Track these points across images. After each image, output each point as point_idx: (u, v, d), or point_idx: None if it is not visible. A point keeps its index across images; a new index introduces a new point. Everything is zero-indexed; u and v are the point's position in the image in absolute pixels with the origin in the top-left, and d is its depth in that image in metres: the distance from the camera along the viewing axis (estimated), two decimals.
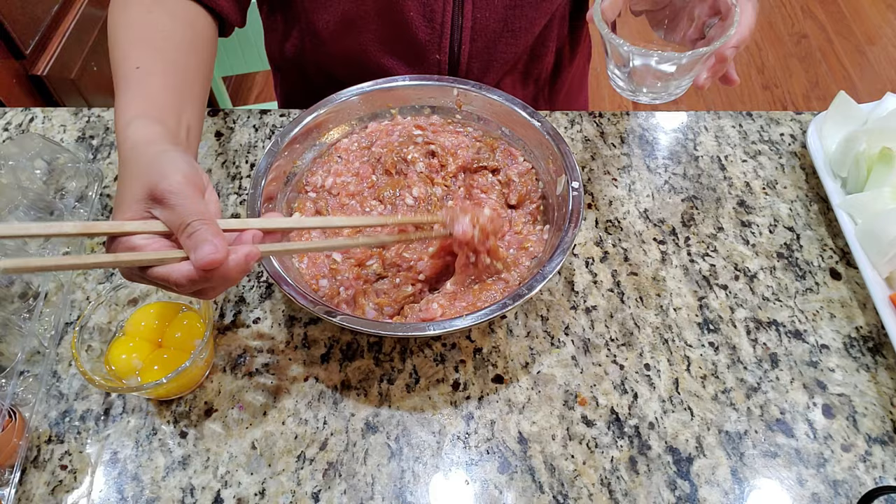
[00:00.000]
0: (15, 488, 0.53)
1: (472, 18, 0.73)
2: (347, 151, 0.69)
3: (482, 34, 0.75)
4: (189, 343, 0.56)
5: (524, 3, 0.74)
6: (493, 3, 0.73)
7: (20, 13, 1.09)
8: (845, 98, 0.73)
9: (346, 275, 0.59)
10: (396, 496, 0.53)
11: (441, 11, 0.72)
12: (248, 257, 0.43)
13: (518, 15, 0.75)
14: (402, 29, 0.74)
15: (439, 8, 0.72)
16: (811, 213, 0.71)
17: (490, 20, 0.74)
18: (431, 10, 0.72)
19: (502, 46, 0.77)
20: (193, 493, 0.53)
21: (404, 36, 0.75)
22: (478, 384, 0.59)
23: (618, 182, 0.73)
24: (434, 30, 0.74)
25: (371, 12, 0.73)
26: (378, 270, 0.60)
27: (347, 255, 0.61)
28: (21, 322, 0.60)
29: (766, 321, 0.63)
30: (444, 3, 0.72)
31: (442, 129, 0.70)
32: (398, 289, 0.59)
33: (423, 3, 0.72)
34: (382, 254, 0.61)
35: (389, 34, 0.75)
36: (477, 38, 0.75)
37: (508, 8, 0.74)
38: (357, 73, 0.79)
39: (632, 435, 0.56)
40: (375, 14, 0.73)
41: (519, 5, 0.74)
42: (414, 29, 0.74)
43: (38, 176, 0.71)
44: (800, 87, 2.05)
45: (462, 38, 0.75)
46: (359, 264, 0.60)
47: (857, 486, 0.53)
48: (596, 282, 0.65)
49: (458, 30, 0.74)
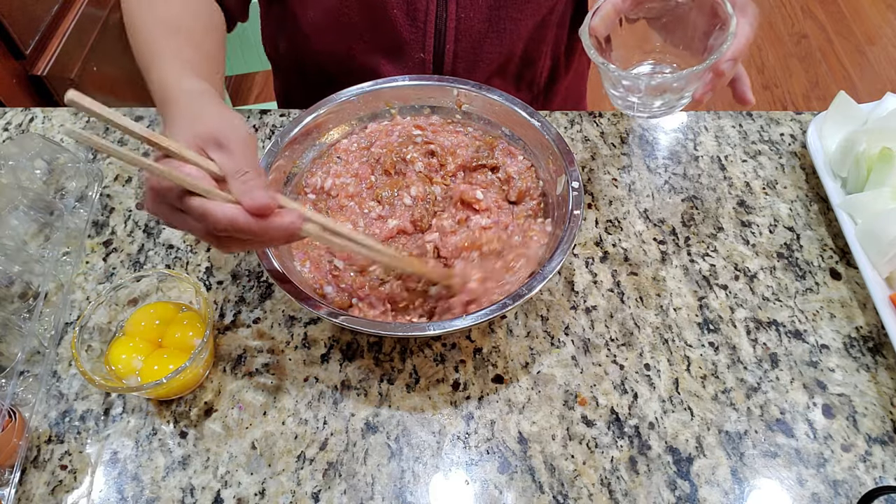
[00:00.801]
0: (15, 488, 0.53)
1: (455, 18, 0.73)
2: (347, 152, 0.68)
3: (467, 34, 0.75)
4: (189, 343, 0.56)
5: (508, 4, 0.73)
6: (478, 2, 0.73)
7: (20, 13, 1.09)
8: (845, 98, 0.73)
9: (348, 282, 0.59)
10: (396, 496, 0.53)
11: (424, 10, 0.72)
12: (292, 223, 0.44)
13: (503, 16, 0.74)
14: (385, 27, 0.74)
15: (422, 6, 0.72)
16: (811, 213, 0.71)
17: (475, 20, 0.74)
18: (415, 9, 0.72)
19: (488, 47, 0.77)
20: (193, 493, 0.53)
21: (388, 34, 0.75)
22: (478, 384, 0.59)
23: (618, 182, 0.73)
24: (417, 28, 0.74)
25: (354, 10, 0.73)
26: (381, 276, 0.60)
27: (349, 262, 0.60)
28: (21, 322, 0.60)
29: (766, 321, 0.63)
30: (428, 2, 0.72)
31: (442, 128, 0.70)
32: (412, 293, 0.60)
33: (407, 1, 0.72)
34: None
35: (373, 32, 0.75)
36: (461, 37, 0.75)
37: (493, 8, 0.74)
38: (344, 70, 0.79)
39: (632, 435, 0.56)
40: (359, 12, 0.73)
41: (503, 6, 0.73)
42: (398, 28, 0.74)
43: (38, 176, 0.71)
44: (800, 87, 2.05)
45: (446, 37, 0.74)
46: (361, 271, 0.60)
47: (857, 486, 0.53)
48: (596, 282, 0.65)
49: (441, 29, 0.74)
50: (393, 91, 0.69)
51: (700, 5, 0.57)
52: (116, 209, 0.72)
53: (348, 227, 0.56)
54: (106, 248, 0.69)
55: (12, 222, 0.67)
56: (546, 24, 0.79)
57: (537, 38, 0.80)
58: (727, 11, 0.54)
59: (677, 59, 0.62)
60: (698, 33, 0.58)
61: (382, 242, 0.61)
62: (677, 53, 0.62)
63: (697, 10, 0.57)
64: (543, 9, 0.76)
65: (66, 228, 0.68)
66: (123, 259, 0.68)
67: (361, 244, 0.53)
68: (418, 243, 0.61)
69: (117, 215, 0.71)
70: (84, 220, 0.70)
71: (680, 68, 0.61)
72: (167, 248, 0.68)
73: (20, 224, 0.67)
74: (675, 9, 0.59)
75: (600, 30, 0.56)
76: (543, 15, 0.77)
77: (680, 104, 0.59)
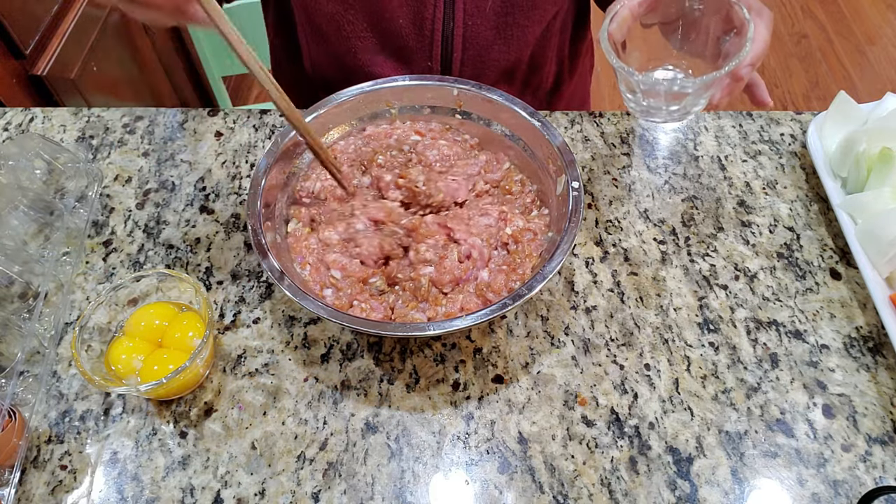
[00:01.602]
0: (15, 488, 0.53)
1: (463, 25, 0.73)
2: (343, 153, 0.69)
3: (474, 42, 0.74)
4: (189, 343, 0.56)
5: (515, 11, 0.73)
6: (485, 11, 0.72)
7: (20, 13, 1.09)
8: (845, 98, 0.73)
9: (347, 291, 0.59)
10: (396, 496, 0.53)
11: (431, 19, 0.72)
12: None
13: (510, 23, 0.74)
14: (391, 36, 0.74)
15: (429, 15, 0.71)
16: (811, 213, 0.71)
17: (482, 28, 0.74)
18: (422, 18, 0.72)
19: (495, 55, 0.77)
20: (193, 493, 0.53)
21: (394, 43, 0.75)
22: (478, 384, 0.59)
23: (618, 182, 0.73)
24: (424, 37, 0.73)
25: (359, 17, 0.73)
26: (382, 287, 0.60)
27: (346, 274, 0.60)
28: (21, 322, 0.60)
29: (766, 321, 0.63)
30: (435, 10, 0.71)
31: (440, 135, 0.69)
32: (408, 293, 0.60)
33: (413, 10, 0.71)
34: (385, 270, 0.61)
35: (379, 40, 0.75)
36: (469, 46, 0.75)
37: (500, 15, 0.73)
38: (347, 77, 0.78)
39: (632, 435, 0.56)
40: (364, 19, 0.73)
41: (511, 13, 0.73)
42: (404, 36, 0.73)
43: (38, 176, 0.71)
44: (800, 87, 2.05)
45: (454, 45, 0.74)
46: (362, 281, 0.60)
47: (858, 486, 0.53)
48: (596, 282, 0.65)
49: (449, 37, 0.74)
50: (393, 91, 0.69)
51: (715, 10, 0.57)
52: (116, 209, 0.72)
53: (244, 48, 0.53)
54: (106, 248, 0.69)
55: (12, 222, 0.67)
56: (550, 29, 0.79)
57: (543, 44, 0.80)
58: (743, 17, 0.53)
59: (691, 65, 0.62)
60: (712, 38, 0.58)
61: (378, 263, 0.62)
62: (691, 59, 0.61)
63: (712, 15, 0.57)
64: (549, 14, 0.76)
65: (65, 228, 0.68)
66: (123, 259, 0.68)
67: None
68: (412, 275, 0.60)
69: (117, 215, 0.71)
70: (84, 220, 0.70)
71: (694, 74, 0.61)
72: (167, 248, 0.68)
73: (20, 224, 0.67)
74: (690, 13, 0.58)
75: (616, 34, 0.56)
76: (548, 21, 0.77)
77: (695, 110, 0.59)
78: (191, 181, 0.74)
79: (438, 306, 0.57)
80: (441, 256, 0.59)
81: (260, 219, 0.59)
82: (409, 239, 0.61)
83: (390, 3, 0.71)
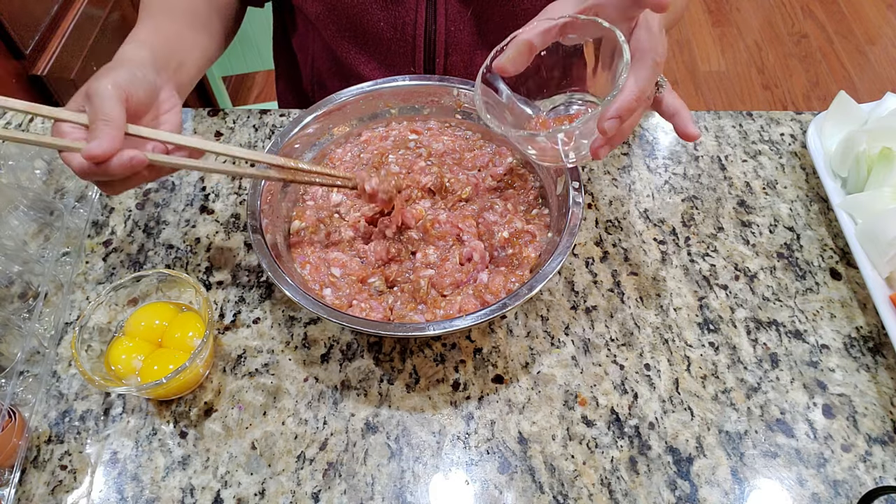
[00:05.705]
0: (15, 488, 0.53)
1: (445, 31, 0.72)
2: (342, 161, 0.69)
3: (457, 48, 0.74)
4: (189, 343, 0.56)
5: (492, 17, 0.73)
6: (464, 17, 0.72)
7: (20, 13, 1.09)
8: (845, 98, 0.73)
9: (346, 290, 0.59)
10: (396, 496, 0.53)
11: (413, 24, 0.72)
12: (132, 160, 0.47)
13: (490, 29, 0.74)
14: (372, 39, 0.74)
15: (410, 20, 0.71)
16: (811, 213, 0.71)
17: (465, 33, 0.73)
18: (402, 23, 0.72)
19: (479, 60, 0.76)
20: (193, 493, 0.53)
21: (378, 48, 0.75)
22: (478, 384, 0.59)
23: (618, 182, 0.73)
24: (406, 41, 0.73)
25: (342, 19, 0.73)
26: (380, 287, 0.60)
27: (346, 272, 0.60)
28: (21, 322, 0.60)
29: (767, 321, 0.63)
30: (416, 15, 0.71)
31: (440, 132, 0.70)
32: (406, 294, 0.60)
33: (394, 14, 0.71)
34: (384, 271, 0.61)
35: (361, 43, 0.75)
36: (451, 51, 0.74)
37: (479, 22, 0.73)
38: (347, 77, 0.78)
39: (632, 435, 0.56)
40: (347, 21, 0.73)
41: (489, 19, 0.73)
42: (385, 40, 0.73)
43: (38, 176, 0.71)
44: (800, 87, 2.05)
45: (436, 50, 0.74)
46: (361, 281, 0.60)
47: (858, 486, 0.53)
48: (596, 282, 0.65)
49: (431, 42, 0.74)
50: (393, 91, 0.69)
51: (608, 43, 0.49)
52: (116, 209, 0.72)
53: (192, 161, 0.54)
54: (106, 248, 0.69)
55: (12, 222, 0.67)
56: None
57: None
58: (623, 61, 0.46)
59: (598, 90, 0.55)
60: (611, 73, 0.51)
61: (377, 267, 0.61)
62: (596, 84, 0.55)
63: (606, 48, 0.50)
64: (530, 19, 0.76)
65: (65, 228, 0.68)
66: (123, 259, 0.68)
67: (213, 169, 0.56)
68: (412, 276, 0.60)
69: (117, 215, 0.71)
70: (84, 220, 0.70)
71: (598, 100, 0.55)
72: (167, 248, 0.68)
73: (20, 224, 0.67)
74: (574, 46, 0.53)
75: (509, 69, 0.52)
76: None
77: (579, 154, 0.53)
78: (191, 181, 0.74)
79: (437, 308, 0.57)
80: (443, 259, 0.60)
81: (260, 219, 0.59)
82: (419, 242, 0.61)
83: (371, 7, 0.71)
